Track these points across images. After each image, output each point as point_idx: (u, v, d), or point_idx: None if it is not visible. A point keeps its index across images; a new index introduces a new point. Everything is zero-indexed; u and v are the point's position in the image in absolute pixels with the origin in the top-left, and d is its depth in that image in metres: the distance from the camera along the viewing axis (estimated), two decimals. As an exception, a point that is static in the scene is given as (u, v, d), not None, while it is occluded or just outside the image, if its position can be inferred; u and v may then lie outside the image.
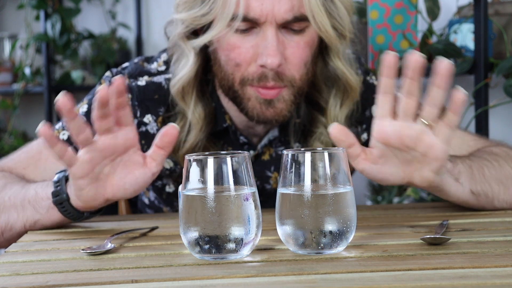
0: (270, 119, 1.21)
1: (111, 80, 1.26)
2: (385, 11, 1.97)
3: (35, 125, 3.31)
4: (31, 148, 1.25)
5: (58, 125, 1.27)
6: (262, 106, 1.20)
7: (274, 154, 1.32)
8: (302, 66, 1.20)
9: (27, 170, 1.21)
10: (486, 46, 1.80)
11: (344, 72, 1.25)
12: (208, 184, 0.85)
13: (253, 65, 1.18)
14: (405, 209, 1.25)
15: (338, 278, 0.76)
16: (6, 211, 1.10)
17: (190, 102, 1.25)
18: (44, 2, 2.82)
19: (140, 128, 1.27)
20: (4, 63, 3.11)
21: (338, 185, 0.87)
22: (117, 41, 3.04)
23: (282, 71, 1.18)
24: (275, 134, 1.31)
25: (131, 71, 1.29)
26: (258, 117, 1.21)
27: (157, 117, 1.27)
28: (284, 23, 1.16)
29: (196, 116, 1.25)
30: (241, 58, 1.18)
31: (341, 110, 1.28)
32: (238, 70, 1.19)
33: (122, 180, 1.04)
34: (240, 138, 1.30)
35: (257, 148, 1.31)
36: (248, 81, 1.19)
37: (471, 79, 2.04)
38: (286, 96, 1.20)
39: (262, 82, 1.18)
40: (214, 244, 0.84)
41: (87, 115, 1.25)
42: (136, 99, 1.27)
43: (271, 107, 1.20)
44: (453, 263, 0.80)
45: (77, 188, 1.02)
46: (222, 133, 1.30)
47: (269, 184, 1.33)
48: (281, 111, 1.21)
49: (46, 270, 0.83)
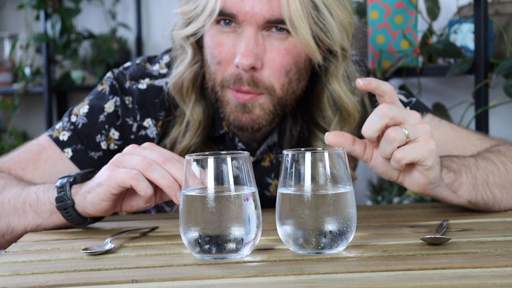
0: (245, 125, 1.19)
1: (114, 84, 1.26)
2: (385, 11, 1.97)
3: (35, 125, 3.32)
4: (30, 148, 1.24)
5: (59, 125, 1.27)
6: (238, 110, 1.18)
7: (274, 161, 1.31)
8: (283, 74, 1.16)
9: (26, 171, 1.21)
10: (486, 46, 1.79)
11: (340, 96, 1.23)
12: (208, 184, 0.85)
13: (232, 65, 1.16)
14: (405, 209, 1.25)
15: (338, 278, 0.76)
16: (7, 215, 1.10)
17: (189, 102, 1.24)
18: (44, 2, 2.82)
19: (140, 132, 1.27)
20: (4, 63, 3.11)
21: (338, 185, 0.87)
22: (117, 41, 3.04)
23: (260, 77, 1.15)
24: (274, 140, 1.30)
25: (133, 73, 1.29)
26: (234, 121, 1.19)
27: (157, 121, 1.27)
28: (265, 23, 1.13)
29: (194, 117, 1.24)
30: (222, 56, 1.17)
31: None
32: (219, 69, 1.18)
33: (131, 196, 1.07)
34: (238, 145, 1.29)
35: (256, 154, 1.31)
36: (226, 83, 1.17)
37: (471, 79, 2.04)
38: (263, 104, 1.17)
39: (237, 85, 1.16)
40: (214, 244, 0.84)
41: (88, 116, 1.25)
42: (136, 103, 1.26)
43: (247, 113, 1.18)
44: (453, 263, 0.80)
45: (98, 203, 1.03)
46: (220, 138, 1.30)
47: (268, 191, 1.32)
48: (257, 118, 1.18)
49: (46, 270, 0.83)
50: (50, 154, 1.23)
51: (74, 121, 1.25)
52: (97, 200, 1.03)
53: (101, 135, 1.25)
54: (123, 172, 1.00)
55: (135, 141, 1.26)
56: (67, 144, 1.24)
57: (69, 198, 1.05)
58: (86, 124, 1.25)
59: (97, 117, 1.25)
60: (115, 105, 1.26)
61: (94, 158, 1.25)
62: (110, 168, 1.02)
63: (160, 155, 1.00)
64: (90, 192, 1.03)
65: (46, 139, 1.25)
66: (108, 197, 1.02)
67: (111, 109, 1.26)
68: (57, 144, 1.24)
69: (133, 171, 1.00)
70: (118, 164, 1.02)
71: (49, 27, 2.86)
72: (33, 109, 3.22)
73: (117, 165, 1.02)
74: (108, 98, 1.26)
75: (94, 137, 1.25)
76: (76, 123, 1.25)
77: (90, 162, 1.24)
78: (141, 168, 0.99)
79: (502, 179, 1.13)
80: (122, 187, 1.01)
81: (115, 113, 1.26)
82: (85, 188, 1.05)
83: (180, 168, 0.99)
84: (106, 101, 1.26)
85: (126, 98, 1.26)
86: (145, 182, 1.00)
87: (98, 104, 1.26)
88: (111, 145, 1.26)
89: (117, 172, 1.01)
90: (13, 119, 3.05)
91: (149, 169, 0.99)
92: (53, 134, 1.25)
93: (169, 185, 0.98)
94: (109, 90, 1.27)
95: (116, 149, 1.27)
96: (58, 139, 1.24)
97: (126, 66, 1.31)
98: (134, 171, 1.00)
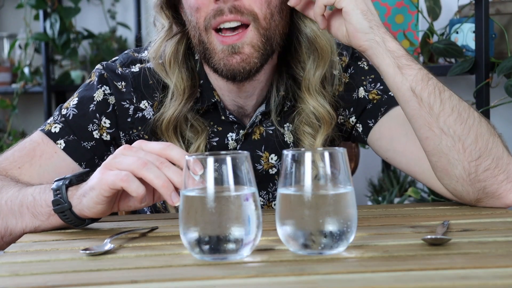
0: (237, 68, 1.17)
1: (102, 74, 1.27)
2: (386, 10, 1.97)
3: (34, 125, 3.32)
4: (24, 146, 1.25)
5: (50, 120, 1.28)
6: (226, 54, 1.17)
7: (264, 134, 1.31)
8: (264, 4, 1.16)
9: (23, 169, 1.21)
10: (487, 46, 1.79)
11: (312, 29, 1.24)
12: (208, 184, 0.84)
13: (211, 4, 1.16)
14: (406, 209, 1.25)
15: (338, 279, 0.76)
16: (4, 217, 1.10)
17: (172, 75, 1.24)
18: (43, 2, 2.82)
19: (137, 114, 1.27)
20: (3, 62, 3.11)
21: (338, 185, 0.86)
22: (116, 40, 3.04)
23: (241, 4, 1.15)
24: (262, 109, 1.30)
25: (123, 61, 1.31)
26: (224, 67, 1.18)
27: (153, 102, 1.28)
28: None
29: (178, 86, 1.24)
30: (199, 0, 1.17)
31: (315, 74, 1.26)
32: (200, 15, 1.17)
33: (127, 196, 1.06)
34: (230, 117, 1.29)
35: (246, 126, 1.30)
36: (208, 24, 1.17)
37: (472, 79, 2.04)
38: (252, 39, 1.16)
39: (219, 17, 1.15)
40: (214, 244, 0.84)
41: (78, 107, 1.26)
42: (131, 86, 1.27)
43: (236, 54, 1.16)
44: (454, 264, 0.80)
45: (93, 206, 1.03)
46: (210, 112, 1.29)
47: (260, 164, 1.32)
48: (248, 57, 1.17)
49: (46, 271, 0.83)
50: (44, 148, 1.24)
51: (65, 114, 1.26)
52: (92, 204, 1.03)
53: (93, 124, 1.26)
54: (113, 174, 1.00)
55: (132, 124, 1.27)
56: (60, 136, 1.24)
57: (66, 201, 1.05)
58: (76, 114, 1.26)
59: (87, 107, 1.26)
60: (103, 94, 1.27)
61: (87, 148, 1.26)
62: (101, 171, 1.02)
63: (155, 159, 1.00)
64: (85, 196, 1.03)
65: (38, 135, 1.26)
66: (101, 200, 1.02)
67: (100, 97, 1.27)
68: (49, 137, 1.24)
69: (123, 172, 0.99)
70: (110, 167, 1.02)
71: (48, 26, 2.86)
72: (32, 109, 3.22)
73: (109, 167, 1.02)
74: (97, 87, 1.28)
75: (86, 126, 1.26)
76: (67, 115, 1.26)
77: (84, 152, 1.25)
78: (136, 167, 0.99)
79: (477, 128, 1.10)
80: (114, 189, 1.01)
81: (104, 101, 1.27)
82: (81, 191, 1.05)
83: (177, 171, 0.99)
84: (95, 90, 1.28)
85: (119, 83, 1.27)
86: (136, 182, 0.99)
87: (87, 95, 1.28)
88: (104, 135, 1.27)
89: (108, 175, 1.00)
90: (12, 119, 3.05)
91: (144, 168, 0.99)
92: (45, 128, 1.26)
93: (164, 185, 0.98)
94: (97, 80, 1.28)
95: (109, 139, 1.27)
96: (50, 131, 1.25)
97: (115, 59, 1.33)
98: (124, 172, 0.99)
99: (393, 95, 1.25)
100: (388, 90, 1.29)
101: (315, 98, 1.26)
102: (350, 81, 1.32)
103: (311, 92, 1.26)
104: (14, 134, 3.03)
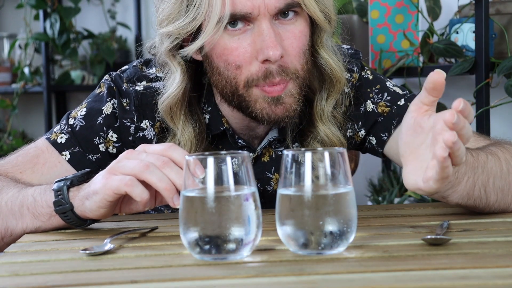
0: (281, 117, 1.18)
1: (111, 86, 1.26)
2: (385, 10, 1.97)
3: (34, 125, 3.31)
4: (28, 151, 1.24)
5: (56, 128, 1.26)
6: (271, 105, 1.17)
7: (273, 155, 1.31)
8: (302, 56, 1.18)
9: (24, 174, 1.21)
10: (487, 46, 1.79)
11: (328, 61, 1.24)
12: (208, 184, 0.84)
13: (254, 64, 1.15)
14: (406, 209, 1.25)
15: (338, 279, 0.76)
16: (4, 217, 1.10)
17: (178, 123, 1.23)
18: (43, 2, 2.82)
19: (138, 134, 1.26)
20: (3, 62, 3.11)
21: (338, 185, 0.86)
22: (116, 40, 3.04)
23: (285, 64, 1.16)
24: (274, 135, 1.30)
25: (130, 75, 1.28)
26: (268, 117, 1.18)
27: (154, 122, 1.26)
28: (277, 12, 1.14)
29: (185, 137, 1.24)
30: (241, 59, 1.16)
31: (328, 102, 1.26)
32: (240, 72, 1.17)
33: (130, 199, 1.06)
34: (239, 142, 1.29)
35: (256, 150, 1.30)
36: (253, 82, 1.16)
37: (472, 79, 2.03)
38: (292, 89, 1.18)
39: (268, 80, 1.16)
40: (214, 244, 0.84)
41: (85, 118, 1.25)
42: (133, 104, 1.25)
43: (280, 104, 1.17)
44: (454, 264, 0.80)
45: (96, 209, 1.03)
46: (219, 137, 1.29)
47: (270, 186, 1.32)
48: (291, 106, 1.18)
49: (45, 271, 0.83)
50: (48, 157, 1.23)
51: (72, 124, 1.25)
52: (95, 207, 1.03)
53: (99, 138, 1.25)
54: (117, 179, 1.00)
55: (134, 143, 1.25)
56: (65, 147, 1.24)
57: (67, 202, 1.05)
58: (83, 126, 1.25)
59: (95, 120, 1.25)
60: (113, 107, 1.25)
61: (92, 160, 1.24)
62: (106, 176, 1.02)
63: (157, 158, 1.00)
64: (88, 199, 1.03)
65: (44, 142, 1.25)
66: (105, 204, 1.02)
67: (109, 111, 1.25)
68: (55, 147, 1.23)
69: (127, 177, 0.99)
70: (113, 171, 1.01)
71: (48, 26, 2.86)
72: (32, 109, 3.22)
73: (113, 172, 1.01)
74: (106, 100, 1.26)
75: (92, 139, 1.25)
76: (73, 126, 1.25)
77: (88, 164, 1.24)
78: (139, 170, 0.99)
79: (502, 181, 1.11)
80: (117, 194, 1.01)
81: (113, 115, 1.25)
82: (83, 193, 1.04)
83: (179, 172, 0.98)
84: (104, 103, 1.26)
85: (124, 100, 1.26)
86: (140, 187, 0.99)
87: (96, 107, 1.26)
88: (110, 148, 1.26)
89: (112, 180, 1.00)
90: (12, 119, 3.05)
91: (147, 171, 0.99)
92: (51, 137, 1.25)
93: (167, 188, 0.98)
94: (107, 92, 1.26)
95: (115, 152, 1.26)
96: (56, 141, 1.24)
97: (124, 69, 1.31)
98: (128, 177, 0.99)
99: (402, 105, 1.27)
100: (397, 100, 1.30)
101: (328, 126, 1.26)
102: (356, 95, 1.31)
103: (323, 120, 1.26)
104: (14, 134, 3.03)
